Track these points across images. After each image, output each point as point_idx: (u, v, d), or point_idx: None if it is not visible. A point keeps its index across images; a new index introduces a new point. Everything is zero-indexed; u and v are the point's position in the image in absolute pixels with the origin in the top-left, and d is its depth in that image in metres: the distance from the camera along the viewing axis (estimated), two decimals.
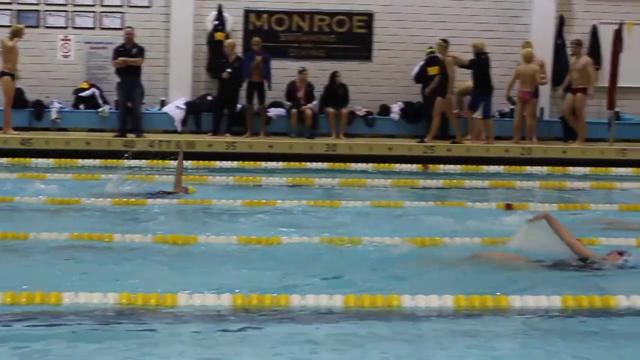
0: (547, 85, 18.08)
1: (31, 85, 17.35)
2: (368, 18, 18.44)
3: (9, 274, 7.10)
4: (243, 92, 17.06)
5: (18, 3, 17.86)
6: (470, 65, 16.71)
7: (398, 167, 14.70)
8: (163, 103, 17.81)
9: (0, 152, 14.79)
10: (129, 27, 16.93)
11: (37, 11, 17.89)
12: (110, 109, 17.33)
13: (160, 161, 13.37)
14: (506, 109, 18.03)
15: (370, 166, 14.72)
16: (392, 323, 6.15)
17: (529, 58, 16.72)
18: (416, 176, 13.97)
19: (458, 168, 14.80)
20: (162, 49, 17.97)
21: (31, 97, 17.40)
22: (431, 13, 18.44)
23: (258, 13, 18.29)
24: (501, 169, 14.85)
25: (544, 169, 14.97)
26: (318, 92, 17.69)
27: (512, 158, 15.77)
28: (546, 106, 18.44)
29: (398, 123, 17.90)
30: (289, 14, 18.32)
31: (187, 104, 17.51)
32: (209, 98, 17.63)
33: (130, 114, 16.48)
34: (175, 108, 17.45)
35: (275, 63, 17.31)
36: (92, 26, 18.04)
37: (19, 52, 16.06)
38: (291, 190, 12.38)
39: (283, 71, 17.64)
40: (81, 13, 18.00)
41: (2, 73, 15.89)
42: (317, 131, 17.35)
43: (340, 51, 18.44)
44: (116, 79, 16.71)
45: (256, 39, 17.10)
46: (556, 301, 6.53)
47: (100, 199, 10.72)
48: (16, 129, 16.08)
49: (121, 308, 6.23)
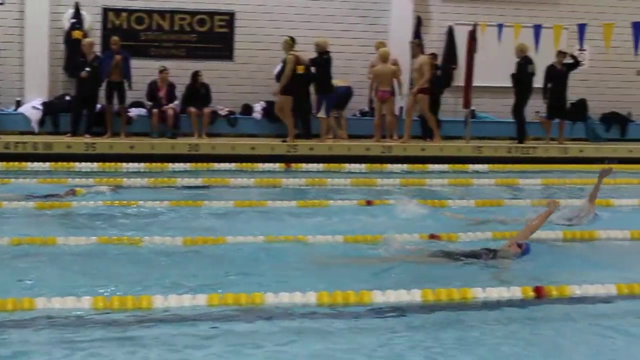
0: (405, 84, 18.50)
1: None
2: (229, 17, 18.39)
3: None
4: (103, 92, 16.73)
5: None
6: (311, 64, 16.83)
7: (261, 167, 14.70)
8: (19, 103, 17.24)
9: None
10: None
11: None
12: None
13: (17, 163, 12.95)
14: (366, 108, 18.33)
15: (233, 166, 14.66)
16: (256, 321, 6.17)
17: (385, 58, 17.05)
18: (279, 175, 14.00)
19: (321, 167, 14.93)
20: (17, 48, 17.41)
21: None
22: (293, 13, 18.55)
23: (117, 11, 17.95)
24: (363, 167, 15.04)
25: (404, 167, 15.27)
26: (180, 92, 17.51)
27: (373, 156, 16.04)
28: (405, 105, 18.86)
29: (260, 122, 17.93)
30: (149, 13, 18.07)
31: (44, 105, 17.01)
32: (67, 98, 17.18)
33: None
34: (31, 108, 16.91)
35: (135, 62, 17.04)
36: None
37: None
38: (153, 191, 12.20)
39: (143, 70, 17.38)
40: None
41: None
42: (179, 131, 17.18)
43: (201, 50, 18.32)
44: None
45: (115, 38, 16.77)
46: (417, 295, 6.68)
47: None
48: None
49: None
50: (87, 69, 16.23)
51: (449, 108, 19.14)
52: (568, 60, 18.14)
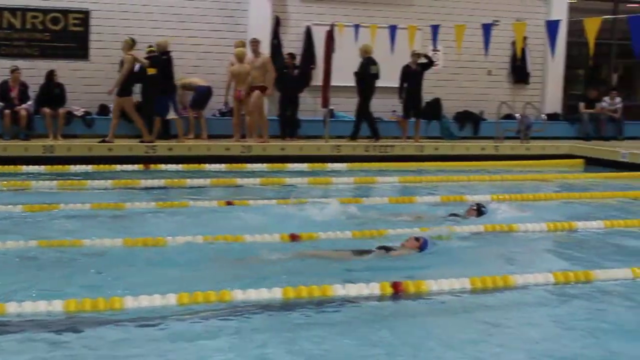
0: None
1: None
2: (84, 16, 17.96)
3: None
4: None
5: None
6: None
7: (119, 168, 14.43)
8: None
9: None
10: None
11: None
12: None
13: None
14: (225, 109, 18.27)
15: (90, 167, 14.33)
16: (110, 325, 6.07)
17: (241, 58, 17.06)
18: (138, 176, 13.78)
19: (180, 167, 14.79)
20: None
21: None
22: (150, 12, 18.32)
23: None
24: (223, 167, 14.99)
25: (264, 166, 15.30)
26: (33, 92, 17.00)
27: (233, 156, 16.01)
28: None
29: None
30: None
31: None
32: None
33: None
34: None
35: None
36: None
37: None
38: (5, 194, 11.79)
39: None
40: None
41: None
42: (33, 132, 16.68)
43: (55, 50, 17.83)
44: None
45: None
46: (278, 293, 6.70)
47: None
48: None
49: None
50: None
51: (308, 108, 19.32)
52: (422, 60, 18.59)
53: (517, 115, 19.69)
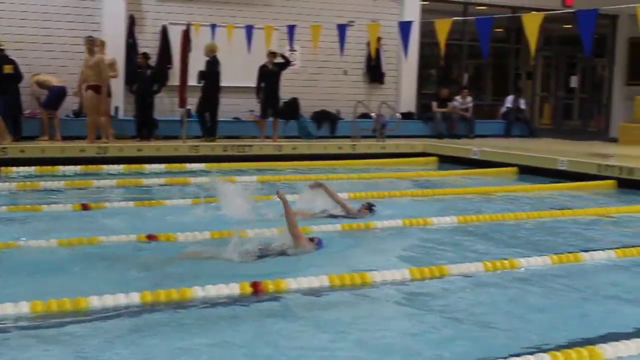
0: (121, 84, 18.31)
1: None
2: None
3: None
4: None
5: None
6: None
7: None
8: None
9: None
10: None
11: None
12: None
13: None
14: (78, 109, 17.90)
15: None
16: None
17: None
18: None
19: (33, 169, 14.37)
20: None
21: None
22: (2, 9, 17.78)
23: None
24: (78, 169, 14.65)
25: (121, 167, 15.05)
26: None
27: (89, 157, 15.66)
28: (121, 105, 18.61)
29: None
30: None
31: None
32: None
33: None
34: None
35: None
36: None
37: None
38: None
39: None
40: None
41: None
42: None
43: None
44: None
45: None
46: (136, 297, 6.60)
47: None
48: None
49: None
50: None
51: (165, 108, 19.13)
52: (279, 60, 18.68)
53: (373, 114, 20.05)
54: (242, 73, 18.67)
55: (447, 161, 17.88)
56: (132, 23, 19.05)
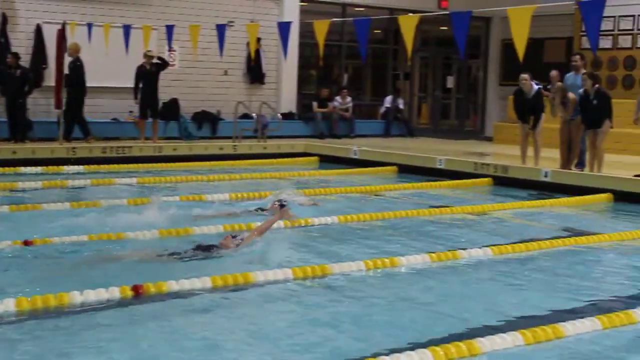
0: None
1: None
2: None
3: None
4: None
5: None
6: None
7: None
8: None
9: None
10: None
11: None
12: None
13: None
14: None
15: None
16: None
17: None
18: None
19: None
20: None
21: None
22: None
23: None
24: None
25: None
26: None
27: None
28: None
29: None
30: None
31: None
32: None
33: None
34: None
35: None
36: None
37: None
38: None
39: None
40: None
41: None
42: None
43: None
44: None
45: None
46: (11, 304, 6.42)
47: None
48: None
49: None
50: None
51: (41, 109, 18.66)
52: (156, 61, 18.47)
53: (254, 114, 20.04)
54: (121, 73, 18.36)
55: (328, 161, 18.02)
56: (4, 21, 18.48)
